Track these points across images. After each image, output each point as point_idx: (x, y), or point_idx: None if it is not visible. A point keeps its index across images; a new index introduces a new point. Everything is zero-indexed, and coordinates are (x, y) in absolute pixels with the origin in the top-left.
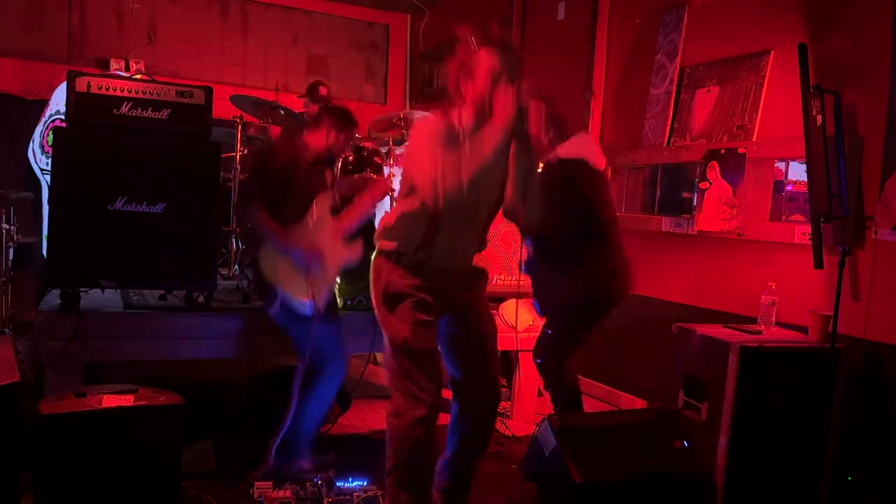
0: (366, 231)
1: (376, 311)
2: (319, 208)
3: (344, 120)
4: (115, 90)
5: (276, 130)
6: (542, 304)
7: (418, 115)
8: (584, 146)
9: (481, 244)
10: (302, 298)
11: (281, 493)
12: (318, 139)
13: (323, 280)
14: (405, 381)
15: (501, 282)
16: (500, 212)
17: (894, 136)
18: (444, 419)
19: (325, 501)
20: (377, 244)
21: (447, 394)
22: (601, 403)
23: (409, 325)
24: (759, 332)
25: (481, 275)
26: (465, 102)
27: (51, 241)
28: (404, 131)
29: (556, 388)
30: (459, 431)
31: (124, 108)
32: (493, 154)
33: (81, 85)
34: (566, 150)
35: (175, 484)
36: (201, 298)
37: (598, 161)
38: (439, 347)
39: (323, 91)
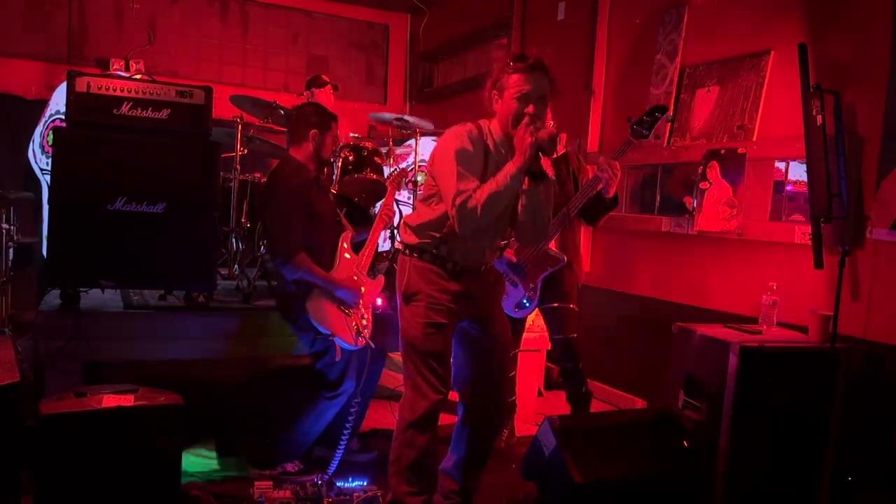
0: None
1: (397, 306)
2: (343, 246)
3: (322, 117)
4: (115, 90)
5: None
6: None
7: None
8: None
9: (501, 245)
10: (352, 342)
11: (281, 494)
12: (306, 151)
13: (366, 317)
14: (411, 377)
15: None
16: None
17: (891, 135)
18: (446, 419)
19: (325, 501)
20: (401, 237)
21: (453, 395)
22: (601, 403)
23: (421, 324)
24: (760, 332)
25: (499, 277)
26: (495, 118)
27: (51, 241)
28: (404, 130)
29: (583, 391)
30: (465, 437)
31: (124, 108)
32: None
33: (81, 85)
34: None
35: (175, 484)
36: (201, 298)
37: None
38: (455, 350)
39: (325, 77)
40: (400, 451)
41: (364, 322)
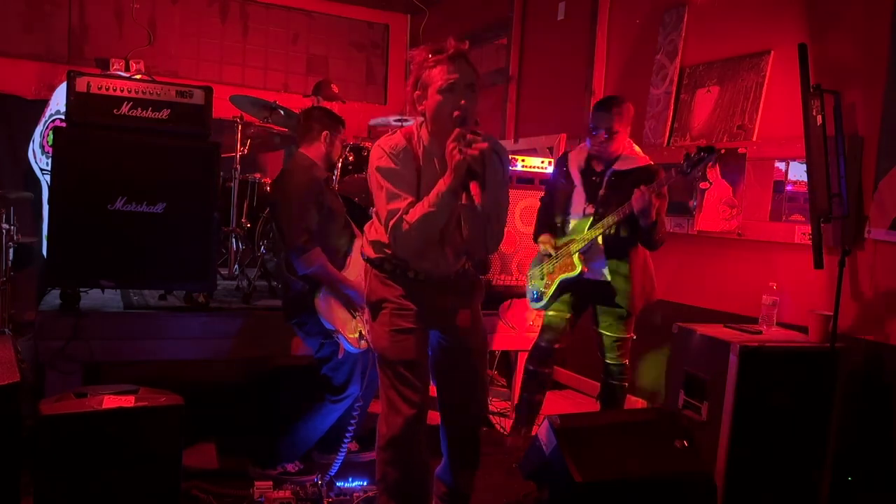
0: None
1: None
2: (357, 250)
3: (332, 121)
4: (115, 90)
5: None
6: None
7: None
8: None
9: (463, 247)
10: (355, 344)
11: (281, 494)
12: (317, 151)
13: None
14: (386, 390)
15: (501, 281)
16: None
17: (889, 135)
18: (436, 417)
19: (325, 501)
20: (362, 250)
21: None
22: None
23: (388, 333)
24: (760, 332)
25: (475, 282)
26: (425, 120)
27: (51, 241)
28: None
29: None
30: (446, 443)
31: (124, 108)
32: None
33: (81, 85)
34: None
35: (175, 484)
36: (201, 298)
37: None
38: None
39: (335, 89)
40: (383, 471)
41: (368, 326)
